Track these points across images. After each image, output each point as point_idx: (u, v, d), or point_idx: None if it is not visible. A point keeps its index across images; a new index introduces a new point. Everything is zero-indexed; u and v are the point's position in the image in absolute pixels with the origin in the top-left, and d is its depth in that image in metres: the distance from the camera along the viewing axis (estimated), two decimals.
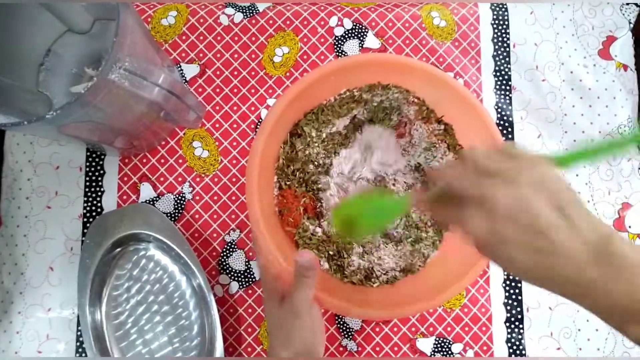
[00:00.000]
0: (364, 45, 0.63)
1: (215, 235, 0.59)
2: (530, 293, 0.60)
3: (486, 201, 0.32)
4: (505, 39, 0.64)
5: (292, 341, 0.43)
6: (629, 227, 0.62)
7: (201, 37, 0.62)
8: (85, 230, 0.58)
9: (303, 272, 0.43)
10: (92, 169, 0.59)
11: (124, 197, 0.59)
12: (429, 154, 0.59)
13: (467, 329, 0.59)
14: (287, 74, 0.62)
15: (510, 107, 0.63)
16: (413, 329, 0.59)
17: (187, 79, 0.61)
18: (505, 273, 0.60)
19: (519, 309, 0.60)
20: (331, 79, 0.53)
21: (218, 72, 0.61)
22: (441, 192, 0.37)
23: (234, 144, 0.60)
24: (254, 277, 0.59)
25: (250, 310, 0.58)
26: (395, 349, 0.58)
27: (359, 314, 0.52)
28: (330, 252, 0.56)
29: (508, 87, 0.64)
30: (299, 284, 0.43)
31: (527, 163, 0.33)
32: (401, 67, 0.55)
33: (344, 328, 0.58)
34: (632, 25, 0.66)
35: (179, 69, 0.61)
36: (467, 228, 0.33)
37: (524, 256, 0.31)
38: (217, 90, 0.61)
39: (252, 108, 0.61)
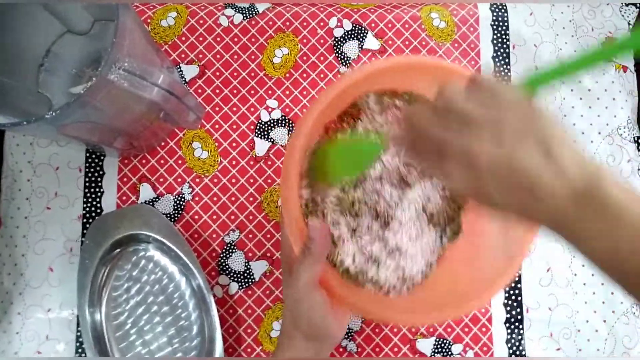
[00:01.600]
0: (364, 47, 0.63)
1: (214, 235, 0.59)
2: (530, 294, 0.60)
3: (467, 155, 0.30)
4: (504, 40, 0.64)
5: (299, 322, 0.40)
6: None
7: (201, 38, 0.62)
8: (84, 231, 0.58)
9: (307, 244, 0.39)
10: (92, 169, 0.59)
11: (124, 197, 0.59)
12: None
13: (467, 329, 0.59)
14: (287, 75, 0.62)
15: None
16: (413, 330, 0.59)
17: (187, 80, 0.61)
18: None
19: (518, 310, 0.60)
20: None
21: (217, 73, 0.61)
22: (416, 136, 0.34)
23: (234, 144, 0.60)
24: (254, 278, 0.59)
25: (249, 311, 0.58)
26: (395, 349, 0.58)
27: (381, 317, 0.44)
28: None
29: None
30: (301, 261, 0.39)
31: (508, 104, 0.30)
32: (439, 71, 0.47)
33: None
34: (631, 27, 0.66)
35: (179, 70, 0.61)
36: (448, 182, 0.32)
37: (508, 202, 0.30)
38: (217, 91, 0.61)
39: (252, 109, 0.61)
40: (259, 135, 0.61)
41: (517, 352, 0.59)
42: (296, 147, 0.41)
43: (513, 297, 0.60)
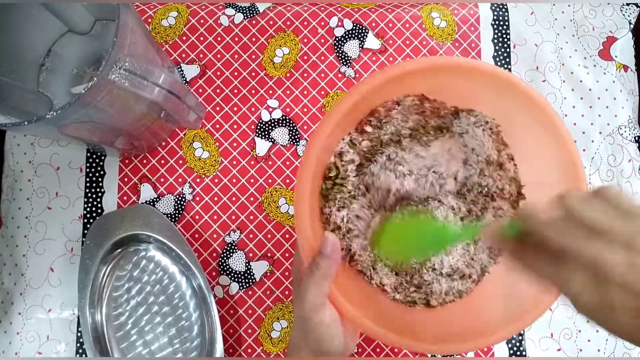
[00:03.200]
0: (365, 46, 0.63)
1: (215, 236, 0.59)
2: None
3: (597, 265, 0.28)
4: (505, 40, 0.64)
5: (307, 337, 0.38)
6: None
7: (201, 38, 0.62)
8: (85, 231, 0.58)
9: (317, 259, 0.38)
10: (93, 169, 0.59)
11: (124, 198, 0.59)
12: (487, 176, 0.48)
13: None
14: (288, 74, 0.62)
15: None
16: None
17: (188, 80, 0.61)
18: None
19: None
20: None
21: (218, 73, 0.61)
22: (528, 236, 0.33)
23: (234, 144, 0.60)
24: (254, 278, 0.59)
25: (250, 312, 0.58)
26: (396, 350, 0.58)
27: (401, 343, 0.41)
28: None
29: None
30: (309, 277, 0.37)
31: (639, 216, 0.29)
32: (466, 71, 0.44)
33: None
34: (632, 26, 0.66)
35: (179, 69, 0.61)
36: (567, 289, 0.30)
37: (633, 321, 0.28)
38: (218, 90, 0.61)
39: (253, 109, 0.61)
40: (260, 135, 0.61)
41: (518, 353, 0.59)
42: (311, 157, 0.40)
43: None
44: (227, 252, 0.59)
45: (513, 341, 0.59)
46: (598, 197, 0.31)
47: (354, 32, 0.63)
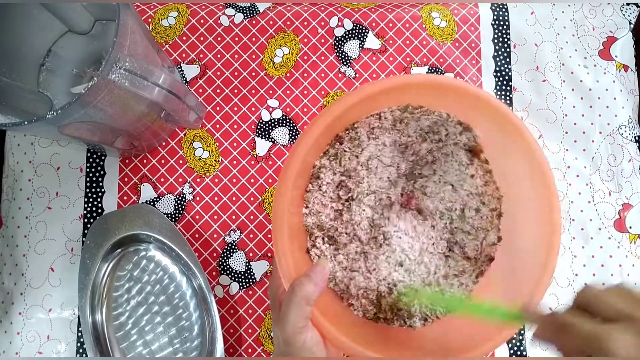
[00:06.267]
0: (365, 46, 0.63)
1: (215, 236, 0.59)
2: None
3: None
4: (505, 40, 0.64)
5: None
6: (630, 227, 0.62)
7: (202, 38, 0.62)
8: (85, 231, 0.58)
9: (303, 281, 0.36)
10: (93, 169, 0.59)
11: (125, 197, 0.59)
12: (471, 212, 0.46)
13: None
14: (288, 74, 0.62)
15: (510, 108, 0.63)
16: None
17: (188, 80, 0.61)
18: None
19: None
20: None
21: (218, 73, 0.61)
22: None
23: (235, 144, 0.60)
24: (255, 278, 0.59)
25: (250, 311, 0.58)
26: None
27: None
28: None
29: (509, 88, 0.64)
30: (290, 299, 0.36)
31: None
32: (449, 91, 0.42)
33: None
34: (632, 26, 0.66)
35: (180, 69, 0.61)
36: (613, 344, 0.31)
37: None
38: (218, 90, 0.61)
39: (253, 109, 0.61)
40: (260, 135, 0.61)
41: (518, 353, 0.59)
42: (291, 167, 0.38)
43: None
44: (228, 252, 0.59)
45: (513, 341, 0.59)
46: (615, 289, 0.32)
47: (354, 32, 0.63)
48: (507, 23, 0.65)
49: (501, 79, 0.64)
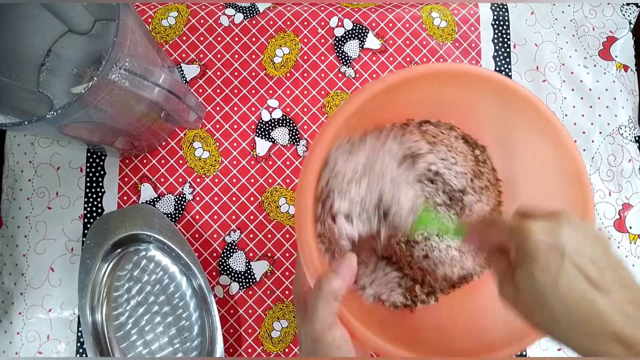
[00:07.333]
0: (365, 46, 0.63)
1: (215, 236, 0.59)
2: None
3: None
4: (505, 40, 0.64)
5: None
6: (630, 227, 0.62)
7: (202, 38, 0.62)
8: (85, 231, 0.58)
9: (330, 277, 0.35)
10: (93, 169, 0.59)
11: (125, 197, 0.59)
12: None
13: None
14: (288, 74, 0.62)
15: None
16: None
17: (188, 80, 0.61)
18: None
19: None
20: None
21: (218, 73, 0.61)
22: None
23: (235, 144, 0.60)
24: (255, 278, 0.59)
25: (250, 311, 0.58)
26: None
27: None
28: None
29: None
30: (317, 296, 0.35)
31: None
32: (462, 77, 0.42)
33: None
34: (632, 26, 0.66)
35: (180, 69, 0.61)
36: (530, 227, 0.31)
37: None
38: (218, 90, 0.61)
39: (253, 109, 0.61)
40: (260, 135, 0.61)
41: (518, 353, 0.59)
42: (312, 170, 0.38)
43: None
44: (228, 252, 0.59)
45: None
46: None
47: (354, 32, 0.63)
48: (507, 23, 0.65)
49: None
